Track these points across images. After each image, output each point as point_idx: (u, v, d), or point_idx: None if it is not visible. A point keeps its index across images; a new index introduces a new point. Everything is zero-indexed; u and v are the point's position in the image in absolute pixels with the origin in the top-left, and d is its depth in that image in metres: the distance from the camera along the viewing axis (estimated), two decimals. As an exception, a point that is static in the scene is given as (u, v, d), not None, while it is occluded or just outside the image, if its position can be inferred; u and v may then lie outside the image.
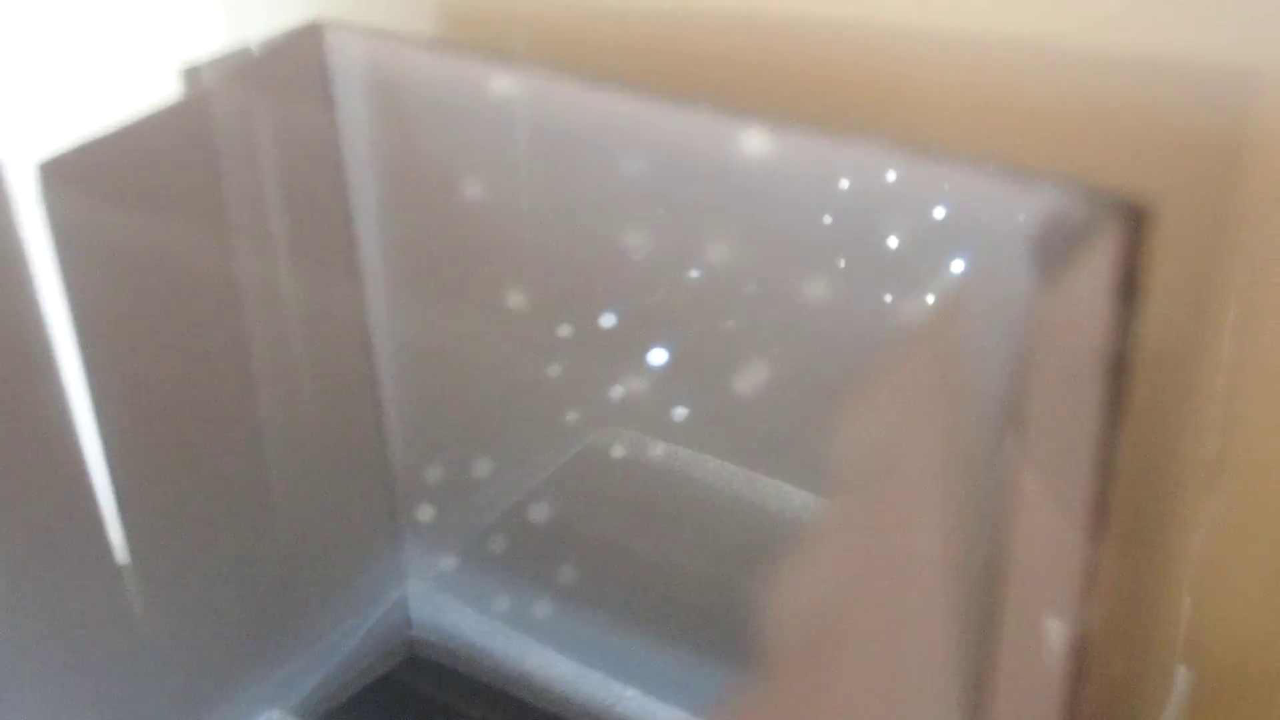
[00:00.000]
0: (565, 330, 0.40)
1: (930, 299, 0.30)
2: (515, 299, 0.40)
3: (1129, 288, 0.28)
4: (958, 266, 0.30)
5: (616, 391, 0.40)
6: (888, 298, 0.32)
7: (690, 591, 0.43)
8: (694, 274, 0.36)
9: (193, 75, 0.36)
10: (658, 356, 0.39)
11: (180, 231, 0.36)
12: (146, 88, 0.36)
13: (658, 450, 0.41)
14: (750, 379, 0.37)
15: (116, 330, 0.36)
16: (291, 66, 0.37)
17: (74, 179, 0.33)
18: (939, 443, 0.26)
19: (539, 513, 0.44)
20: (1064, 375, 0.28)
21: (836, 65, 0.38)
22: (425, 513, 0.46)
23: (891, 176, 0.30)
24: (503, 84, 0.36)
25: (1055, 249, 0.28)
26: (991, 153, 0.37)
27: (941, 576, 0.27)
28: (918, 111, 0.37)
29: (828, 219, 0.32)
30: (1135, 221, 0.27)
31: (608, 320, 0.39)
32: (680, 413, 0.40)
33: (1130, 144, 0.35)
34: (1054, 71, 0.35)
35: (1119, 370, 0.28)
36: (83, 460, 0.36)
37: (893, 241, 0.31)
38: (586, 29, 0.41)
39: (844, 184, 0.31)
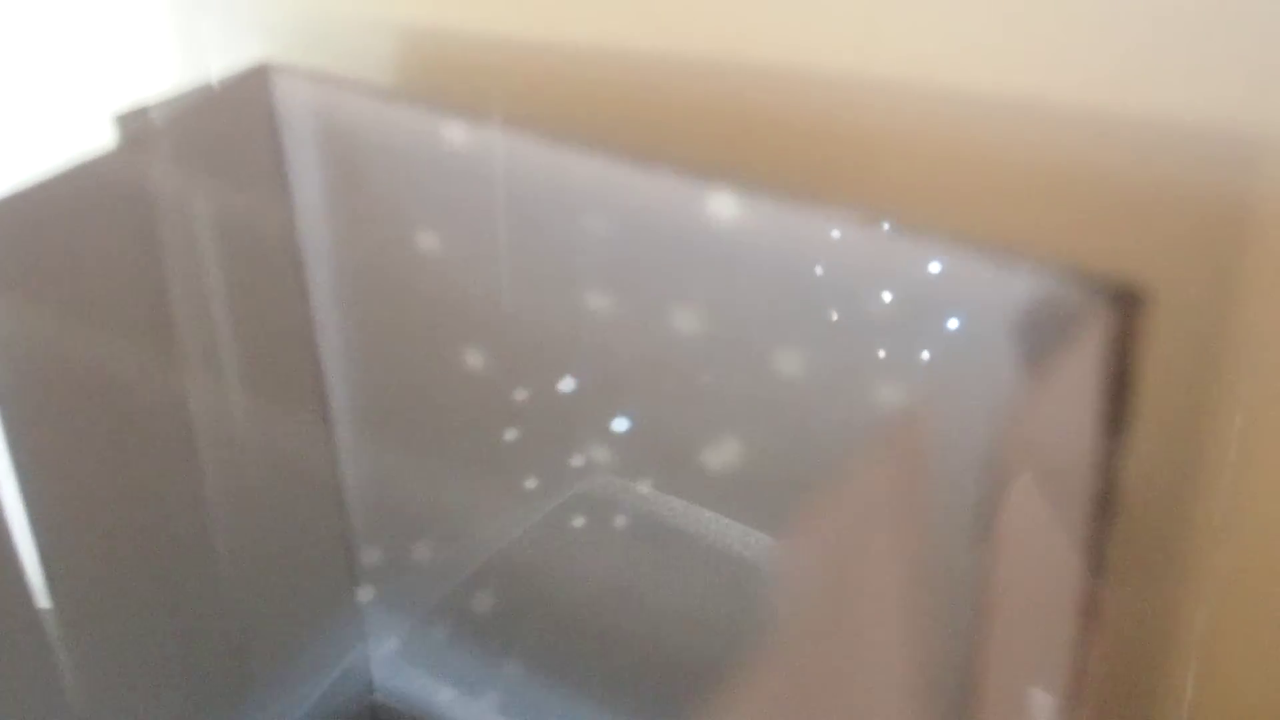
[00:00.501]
0: (525, 394, 0.37)
1: (901, 388, 0.28)
2: (473, 359, 0.38)
3: (1121, 380, 0.25)
4: (933, 354, 0.28)
5: (577, 459, 0.38)
6: (858, 378, 0.29)
7: (654, 661, 0.41)
8: (659, 339, 0.34)
9: (127, 122, 0.34)
10: (620, 424, 0.37)
11: (113, 290, 0.34)
12: (89, 135, 0.33)
13: (621, 519, 0.39)
14: (717, 451, 0.35)
15: (45, 395, 0.34)
16: (236, 112, 0.35)
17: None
18: (903, 551, 0.24)
19: (502, 578, 0.42)
20: (1048, 473, 0.26)
21: (816, 119, 0.36)
22: (385, 577, 0.43)
23: (864, 250, 0.28)
24: (460, 135, 0.34)
25: (1039, 337, 0.26)
26: (976, 219, 0.34)
27: (908, 685, 0.25)
28: (901, 170, 0.35)
29: (797, 290, 0.30)
30: (1128, 308, 0.25)
31: (569, 384, 0.37)
32: (644, 482, 0.37)
33: (1126, 212, 0.33)
34: (1046, 131, 0.33)
35: (1109, 468, 0.26)
36: (4, 522, 0.34)
37: (864, 319, 0.29)
38: (554, 77, 0.39)
39: (815, 255, 0.29)
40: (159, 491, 0.37)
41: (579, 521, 0.39)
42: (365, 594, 0.44)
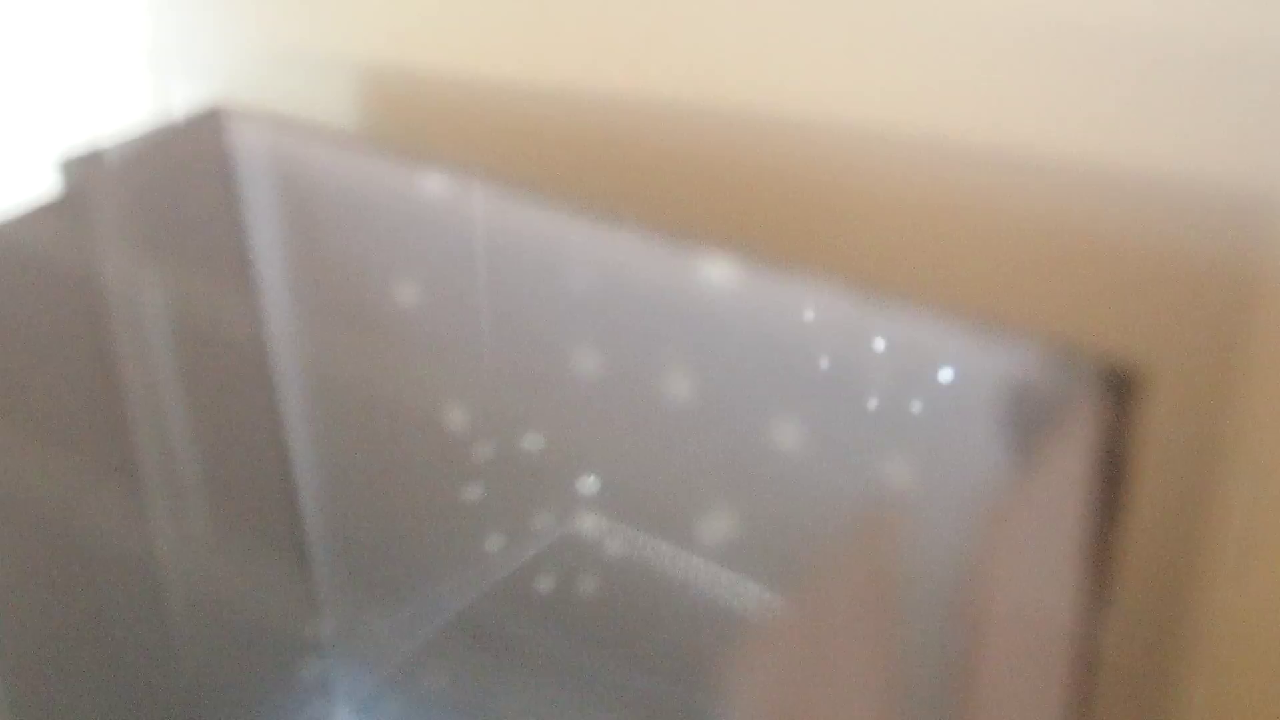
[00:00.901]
0: (498, 451, 0.36)
1: (887, 466, 0.26)
2: (447, 416, 0.36)
3: (1114, 468, 0.24)
4: (920, 436, 0.26)
5: (549, 519, 0.36)
6: (847, 455, 0.28)
7: (626, 713, 0.39)
8: (644, 401, 0.32)
9: (72, 169, 0.32)
10: (595, 485, 0.35)
11: (55, 350, 0.32)
12: (38, 179, 0.32)
13: (590, 581, 0.37)
14: (702, 517, 0.33)
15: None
16: (188, 158, 0.34)
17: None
18: (874, 657, 0.22)
19: (466, 641, 0.40)
20: (1038, 563, 0.24)
21: (801, 169, 0.34)
22: (345, 638, 0.42)
23: (853, 323, 0.26)
24: (431, 185, 0.33)
25: (1027, 420, 0.24)
26: (965, 281, 0.33)
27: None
28: (889, 227, 0.33)
29: (787, 360, 0.28)
30: (1123, 392, 0.23)
31: (540, 442, 0.35)
32: (615, 544, 0.36)
33: (1123, 278, 0.31)
34: (1039, 188, 0.31)
35: (1102, 559, 0.24)
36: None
37: (851, 394, 0.27)
38: (526, 119, 0.37)
39: (805, 326, 0.27)
40: (107, 550, 0.36)
41: (546, 584, 0.37)
42: (324, 656, 0.42)
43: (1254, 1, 0.28)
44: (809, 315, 0.27)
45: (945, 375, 0.25)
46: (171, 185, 0.33)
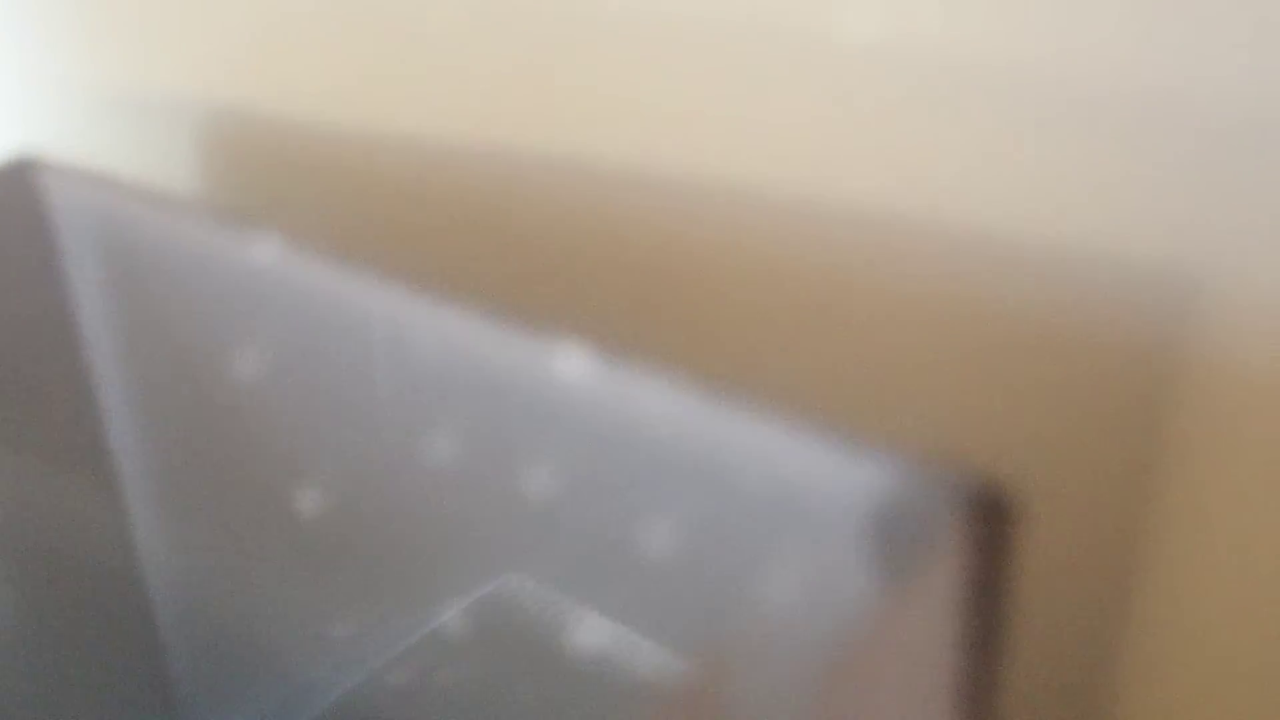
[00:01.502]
0: (352, 537, 0.33)
1: (752, 575, 0.24)
2: (291, 498, 0.33)
3: (988, 595, 0.21)
4: (775, 549, 0.23)
5: (405, 612, 0.33)
6: (715, 555, 0.25)
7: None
8: (498, 492, 0.29)
9: None
10: (450, 578, 0.32)
11: None
12: None
13: (451, 674, 0.34)
14: (559, 617, 0.30)
15: None
16: (5, 221, 0.30)
17: None
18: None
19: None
20: (904, 702, 0.22)
21: (671, 241, 0.31)
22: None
23: (715, 423, 0.23)
24: (267, 251, 0.30)
25: (895, 541, 0.21)
26: (847, 363, 0.30)
27: None
28: (755, 299, 0.31)
29: (642, 460, 0.25)
30: (997, 513, 0.21)
31: (392, 530, 0.32)
32: (477, 638, 0.33)
33: (1029, 359, 0.28)
34: (932, 262, 0.29)
35: (977, 698, 0.22)
36: None
37: (707, 498, 0.24)
38: (375, 168, 0.34)
39: (656, 419, 0.24)
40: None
41: (405, 677, 0.34)
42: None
43: (1171, 70, 0.26)
44: (667, 413, 0.24)
45: (809, 487, 0.23)
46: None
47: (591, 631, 0.30)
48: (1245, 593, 0.28)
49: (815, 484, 0.22)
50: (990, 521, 0.21)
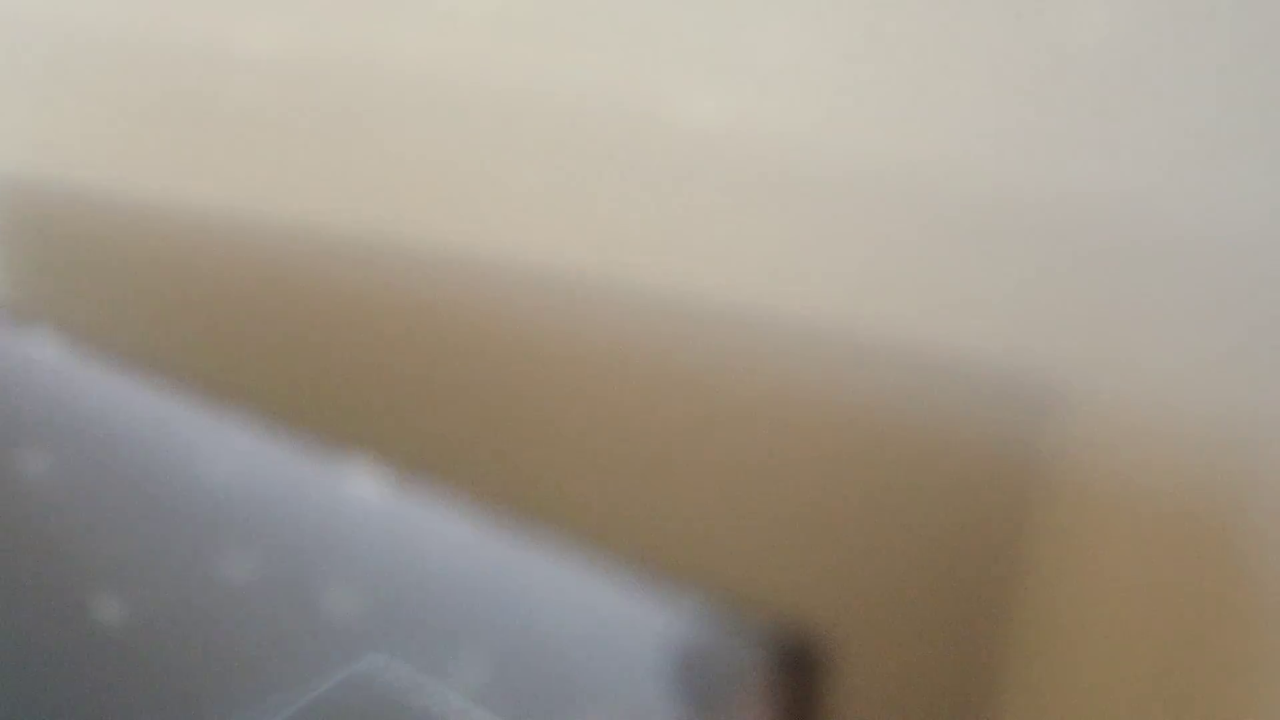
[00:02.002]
0: (152, 654, 0.31)
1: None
2: (85, 603, 0.31)
3: (797, 745, 0.20)
4: (575, 697, 0.22)
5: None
6: (509, 696, 0.23)
7: None
8: (301, 614, 0.27)
9: None
10: (243, 702, 0.30)
11: None
12: None
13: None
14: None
15: None
16: None
17: None
18: None
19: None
20: None
21: (474, 325, 0.30)
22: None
23: (502, 556, 0.22)
24: (42, 350, 0.28)
25: (697, 688, 0.20)
26: (661, 485, 0.29)
27: None
28: (564, 411, 0.29)
29: (444, 589, 0.24)
30: (803, 667, 0.20)
31: (188, 645, 0.30)
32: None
33: (887, 463, 0.27)
34: (770, 359, 0.28)
35: None
36: None
37: (510, 636, 0.23)
38: (172, 239, 0.32)
39: (453, 547, 0.23)
40: None
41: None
42: None
43: (1034, 176, 0.25)
44: (464, 542, 0.23)
45: (615, 626, 0.21)
46: None
47: None
48: (1103, 707, 0.28)
49: (621, 623, 0.21)
50: (796, 670, 0.19)
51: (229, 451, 0.25)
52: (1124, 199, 0.25)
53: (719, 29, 0.27)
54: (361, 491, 0.23)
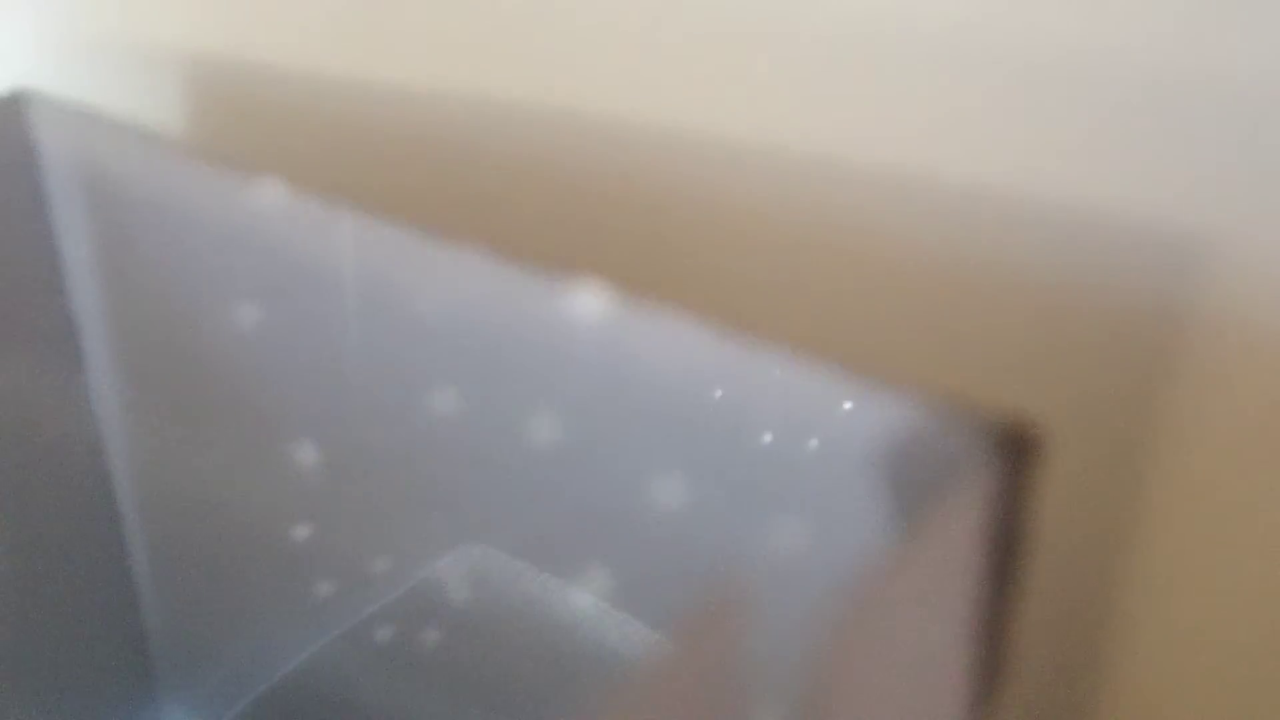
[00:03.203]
0: (338, 490, 0.32)
1: (761, 523, 0.23)
2: (278, 448, 0.32)
3: (1008, 536, 0.21)
4: (788, 494, 0.23)
5: (390, 565, 0.33)
6: (711, 505, 0.25)
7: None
8: (502, 444, 0.28)
9: None
10: (444, 530, 0.32)
11: None
12: None
13: (437, 632, 0.34)
14: (558, 570, 0.30)
15: None
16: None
17: None
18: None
19: (312, 688, 0.37)
20: (921, 641, 0.22)
21: (673, 190, 0.31)
22: (184, 685, 0.38)
23: (723, 366, 0.23)
24: (265, 196, 0.29)
25: (914, 483, 0.21)
26: (854, 322, 0.30)
27: None
28: (772, 260, 0.31)
29: (655, 406, 0.25)
30: (1019, 453, 0.21)
31: (385, 483, 0.31)
32: (466, 593, 0.33)
33: (1032, 316, 0.28)
34: (941, 219, 0.29)
35: (993, 640, 0.22)
36: None
37: (719, 442, 0.24)
38: (374, 123, 0.34)
39: (672, 365, 0.24)
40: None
41: (391, 633, 0.34)
42: (159, 706, 0.38)
43: (1182, 31, 0.26)
44: (685, 358, 0.24)
45: (826, 429, 0.22)
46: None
47: (584, 591, 0.30)
48: (1243, 550, 0.29)
49: (832, 425, 0.22)
50: (1013, 459, 0.20)
51: (448, 283, 0.27)
52: (1271, 51, 0.25)
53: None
54: (583, 309, 0.24)
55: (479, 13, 0.32)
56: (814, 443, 0.23)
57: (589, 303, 0.24)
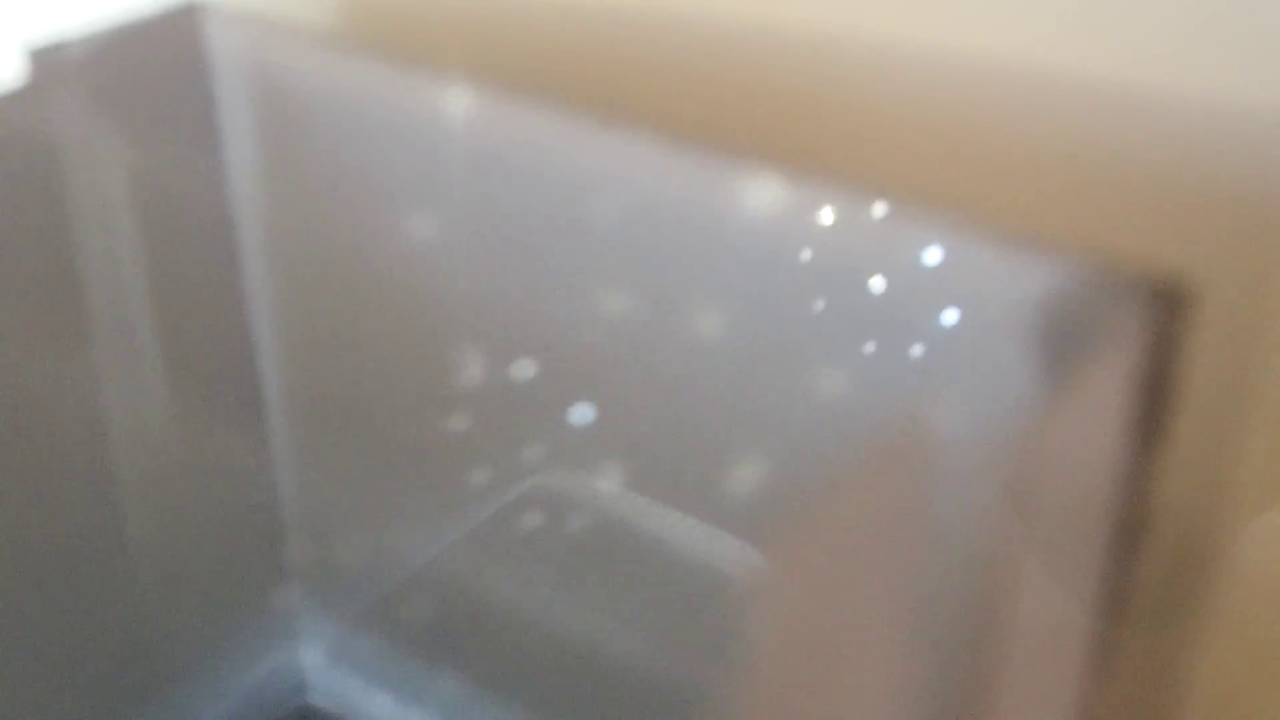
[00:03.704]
0: (489, 378, 0.34)
1: (906, 392, 0.25)
2: (431, 338, 0.34)
3: (1157, 390, 0.22)
4: (944, 357, 0.24)
5: (536, 450, 0.34)
6: (871, 384, 0.26)
7: (606, 678, 0.38)
8: (664, 338, 0.29)
9: (42, 58, 0.30)
10: (582, 411, 0.33)
11: (17, 242, 0.30)
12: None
13: (579, 517, 0.35)
14: (713, 467, 0.31)
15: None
16: (162, 56, 0.32)
17: None
18: (895, 573, 0.21)
19: (446, 581, 0.38)
20: (1068, 495, 0.23)
21: (823, 81, 0.32)
22: (315, 574, 0.40)
23: (888, 241, 0.24)
24: (454, 106, 0.30)
25: (1062, 340, 0.23)
26: (996, 205, 0.31)
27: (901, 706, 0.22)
28: (920, 147, 0.32)
29: (819, 289, 0.26)
30: (1169, 308, 0.22)
31: (533, 371, 0.33)
32: (609, 475, 0.34)
33: (1161, 202, 0.29)
34: (1078, 112, 0.30)
35: (1137, 492, 0.23)
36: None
37: (881, 319, 0.25)
38: (535, 28, 0.35)
39: (839, 245, 0.25)
40: (66, 475, 0.34)
41: (537, 517, 0.36)
42: (293, 592, 0.40)
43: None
44: (850, 237, 0.25)
45: (981, 294, 0.24)
46: (141, 82, 0.31)
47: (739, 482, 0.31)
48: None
49: (988, 286, 0.23)
50: (1164, 315, 0.22)
51: (627, 182, 0.28)
52: None
53: None
54: (754, 195, 0.26)
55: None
56: (971, 316, 0.24)
57: (760, 186, 0.26)
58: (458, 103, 0.29)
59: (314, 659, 0.42)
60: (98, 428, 0.34)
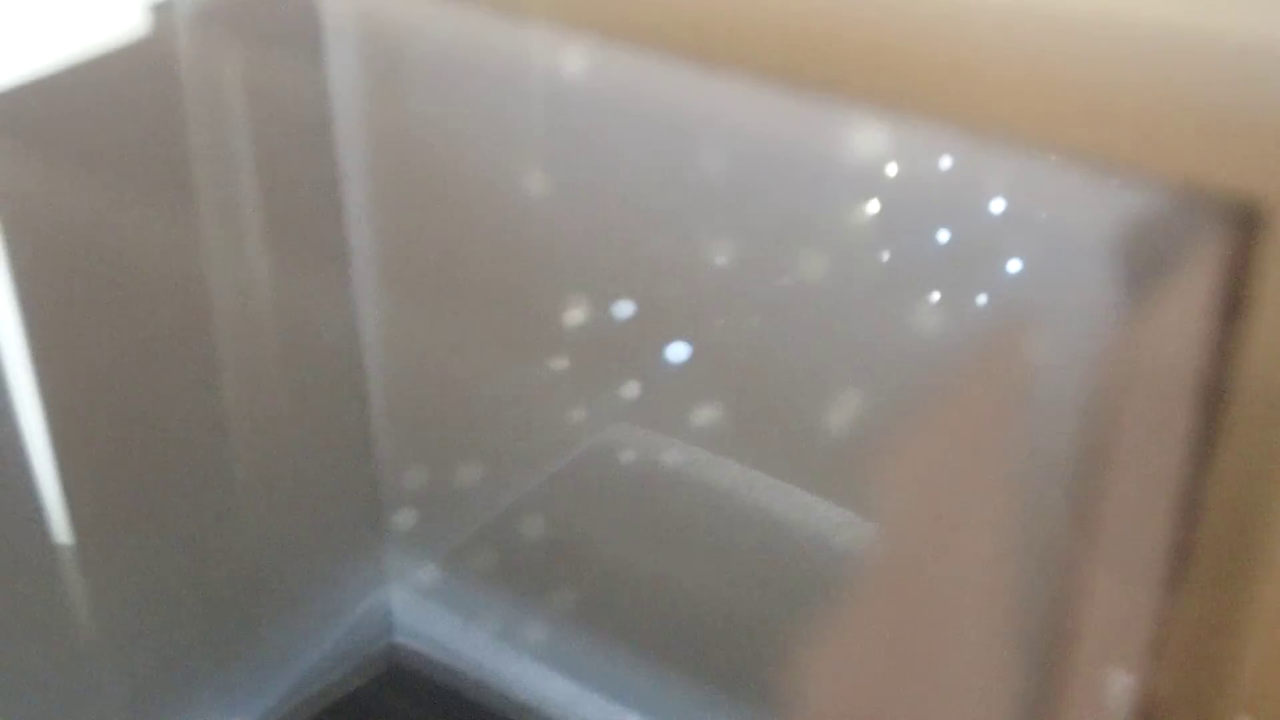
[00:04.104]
0: (586, 323, 0.35)
1: (993, 316, 0.26)
2: (536, 283, 0.35)
3: (1233, 309, 0.23)
4: (1026, 282, 0.25)
5: (630, 390, 0.36)
6: (960, 316, 0.27)
7: (702, 613, 0.39)
8: (769, 285, 0.31)
9: (163, 11, 0.32)
10: (678, 351, 0.34)
11: (137, 197, 0.32)
12: (104, 19, 0.31)
13: (671, 456, 0.37)
14: (808, 406, 0.32)
15: (64, 307, 0.32)
16: (278, 11, 0.33)
17: (6, 129, 0.29)
18: (993, 487, 0.22)
19: (536, 520, 0.40)
20: (1148, 409, 0.24)
21: (879, 29, 0.33)
22: (410, 514, 0.42)
23: (977, 171, 0.25)
24: (550, 50, 0.31)
25: (1145, 260, 0.24)
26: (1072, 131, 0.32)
27: (994, 633, 0.23)
28: (975, 94, 0.32)
29: (912, 227, 0.27)
30: (1246, 228, 0.23)
31: (629, 312, 0.34)
32: (702, 416, 0.35)
33: (1245, 146, 0.30)
34: (1147, 49, 0.30)
35: (1216, 406, 0.24)
36: (19, 437, 0.32)
37: (971, 252, 0.26)
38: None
39: (935, 182, 0.26)
40: (177, 403, 0.36)
41: (627, 456, 0.37)
42: (391, 524, 0.42)
43: None
44: (947, 170, 0.26)
45: (1063, 216, 0.25)
46: (259, 38, 0.33)
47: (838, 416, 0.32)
48: None
49: (1068, 208, 0.24)
50: (1245, 231, 0.23)
51: (742, 130, 0.29)
52: None
53: None
54: (866, 143, 0.27)
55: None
56: (1057, 243, 0.25)
57: (866, 135, 0.27)
58: (565, 52, 0.30)
59: (407, 594, 0.44)
60: (213, 358, 0.36)
